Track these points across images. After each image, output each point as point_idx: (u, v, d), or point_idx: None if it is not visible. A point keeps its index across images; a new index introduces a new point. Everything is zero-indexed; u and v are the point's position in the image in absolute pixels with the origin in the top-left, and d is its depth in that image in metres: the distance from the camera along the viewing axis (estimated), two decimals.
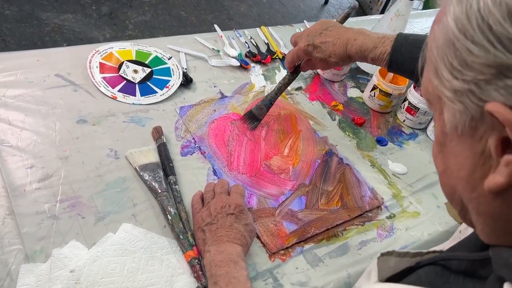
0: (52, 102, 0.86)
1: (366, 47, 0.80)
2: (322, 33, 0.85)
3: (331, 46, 0.84)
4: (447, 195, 0.42)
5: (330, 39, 0.84)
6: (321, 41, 0.85)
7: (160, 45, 1.08)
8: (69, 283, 0.61)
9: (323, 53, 0.85)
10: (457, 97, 0.33)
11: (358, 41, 0.81)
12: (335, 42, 0.83)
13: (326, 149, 0.97)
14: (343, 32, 0.84)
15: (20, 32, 2.25)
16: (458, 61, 0.33)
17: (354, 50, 0.81)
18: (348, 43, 0.82)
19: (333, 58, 0.84)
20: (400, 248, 0.83)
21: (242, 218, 0.70)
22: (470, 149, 0.35)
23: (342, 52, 0.83)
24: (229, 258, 0.64)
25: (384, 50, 0.79)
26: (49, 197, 0.71)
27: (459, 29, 0.32)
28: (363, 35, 0.82)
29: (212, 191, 0.76)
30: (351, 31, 0.84)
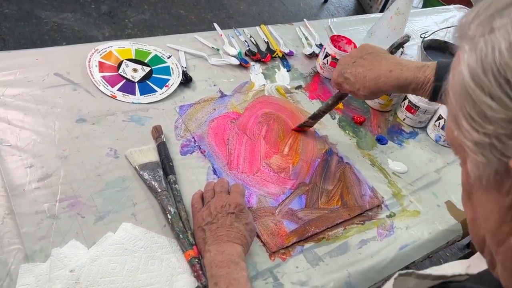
0: (52, 101, 0.86)
1: (405, 78, 0.74)
2: (356, 62, 0.79)
3: (361, 78, 0.78)
4: (476, 244, 0.39)
5: (361, 69, 0.78)
6: (351, 72, 0.79)
7: (160, 44, 1.08)
8: (69, 283, 0.61)
9: (352, 85, 0.79)
10: (478, 149, 0.31)
11: (395, 73, 0.75)
12: (366, 75, 0.77)
13: (326, 148, 0.97)
14: (376, 62, 0.78)
15: (19, 31, 2.25)
16: (476, 113, 0.30)
17: (390, 84, 0.75)
18: (381, 76, 0.76)
19: (362, 92, 0.79)
20: (400, 247, 0.83)
21: (242, 217, 0.70)
22: (496, 203, 0.32)
23: (374, 86, 0.77)
24: (230, 258, 0.64)
25: (427, 79, 0.73)
26: (48, 197, 0.71)
27: (475, 81, 0.30)
28: (400, 65, 0.76)
29: (212, 190, 0.76)
30: (386, 62, 0.77)
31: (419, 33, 1.46)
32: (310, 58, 1.23)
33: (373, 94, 0.79)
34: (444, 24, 1.67)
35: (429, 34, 1.23)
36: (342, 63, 0.82)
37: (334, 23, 1.42)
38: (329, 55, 1.13)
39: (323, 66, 1.16)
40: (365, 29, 1.43)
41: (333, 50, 1.13)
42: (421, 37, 1.21)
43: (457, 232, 0.91)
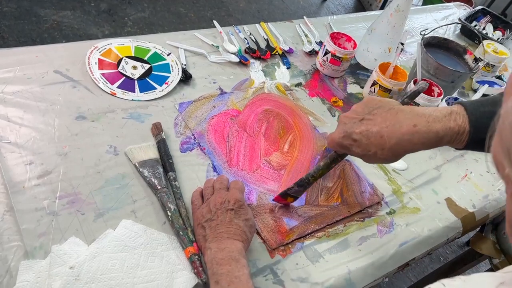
0: (51, 98, 0.86)
1: (435, 132, 0.60)
2: (364, 119, 0.65)
3: (377, 139, 0.63)
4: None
5: (374, 128, 0.63)
6: (361, 132, 0.64)
7: (159, 41, 1.08)
8: (69, 280, 0.61)
9: (365, 149, 0.64)
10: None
11: (421, 127, 0.61)
12: (383, 133, 0.62)
13: (326, 145, 0.97)
14: (392, 117, 0.63)
15: (18, 29, 2.24)
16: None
17: (418, 142, 0.61)
18: (404, 133, 0.61)
19: (380, 155, 0.64)
20: (400, 244, 0.83)
21: (242, 213, 0.70)
22: None
23: (396, 147, 0.62)
24: (230, 256, 0.63)
25: (462, 129, 0.60)
26: (48, 194, 0.71)
27: None
28: (424, 117, 0.62)
29: (211, 187, 0.76)
30: (404, 115, 0.62)
31: (419, 30, 1.46)
32: (310, 55, 1.23)
33: (395, 156, 0.64)
34: (444, 21, 1.67)
35: (429, 32, 1.22)
36: (346, 122, 0.67)
37: (334, 21, 1.42)
38: (329, 52, 1.13)
39: (323, 63, 1.16)
40: (365, 26, 1.43)
41: (333, 47, 1.12)
42: (421, 34, 1.20)
43: (457, 229, 0.91)
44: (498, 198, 0.99)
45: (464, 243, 2.04)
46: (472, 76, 1.37)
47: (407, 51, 1.41)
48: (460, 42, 1.24)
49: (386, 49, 1.21)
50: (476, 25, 1.64)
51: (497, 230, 1.24)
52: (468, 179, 1.01)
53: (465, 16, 1.64)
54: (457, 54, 1.23)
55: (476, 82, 1.34)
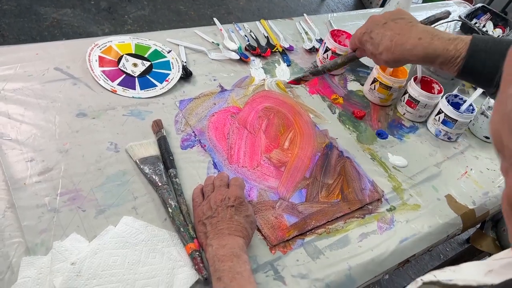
0: (52, 95, 0.86)
1: (434, 49, 0.68)
2: (387, 23, 0.74)
3: (387, 41, 0.72)
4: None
5: (389, 32, 0.73)
6: (379, 33, 0.74)
7: (160, 39, 1.08)
8: (70, 276, 0.61)
9: (375, 47, 0.74)
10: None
11: (424, 41, 0.70)
12: (393, 39, 0.72)
13: (326, 142, 0.97)
14: (407, 28, 0.72)
15: (18, 27, 2.24)
16: None
17: (416, 53, 0.70)
18: (409, 43, 0.70)
19: (384, 56, 0.74)
20: (400, 240, 0.83)
21: (242, 210, 0.70)
22: None
23: (398, 52, 0.71)
24: (232, 252, 0.64)
25: (458, 53, 0.68)
26: (49, 190, 0.71)
27: None
28: (431, 34, 0.70)
29: (212, 184, 0.76)
30: (416, 29, 0.71)
31: None
32: (310, 52, 1.23)
33: (395, 61, 0.74)
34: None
35: None
36: (372, 22, 0.77)
37: (334, 18, 1.42)
38: (329, 49, 1.13)
39: (323, 60, 1.16)
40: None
41: (333, 45, 1.12)
42: None
43: (457, 226, 0.91)
44: (498, 195, 0.99)
45: (464, 240, 2.04)
46: None
47: None
48: None
49: None
50: (476, 22, 1.64)
51: (497, 227, 1.24)
52: (468, 176, 1.01)
53: (465, 14, 1.64)
54: None
55: None
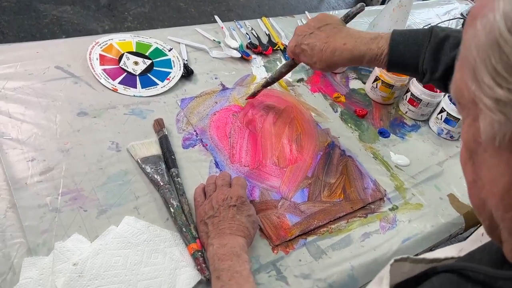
0: (52, 94, 0.85)
1: (358, 51, 0.74)
2: (313, 33, 0.78)
3: (318, 52, 0.77)
4: (475, 208, 0.38)
5: (318, 43, 0.77)
6: (308, 44, 0.79)
7: (161, 37, 1.07)
8: (72, 276, 0.60)
9: (309, 58, 0.79)
10: (499, 107, 0.29)
11: (348, 45, 0.75)
12: (322, 48, 0.77)
13: (328, 141, 0.97)
14: (333, 35, 0.77)
15: (18, 24, 2.23)
16: (503, 66, 0.28)
17: (345, 57, 0.75)
18: (336, 49, 0.76)
19: (318, 65, 0.79)
20: (403, 240, 0.83)
21: (244, 209, 0.70)
22: (508, 164, 0.31)
23: (329, 60, 0.77)
24: (232, 251, 0.64)
25: (381, 51, 0.73)
26: (50, 190, 0.71)
27: (509, 29, 0.28)
28: (353, 38, 0.75)
29: (214, 184, 0.76)
30: (340, 35, 0.77)
31: (421, 25, 1.46)
32: None
33: (329, 67, 0.79)
34: (446, 16, 1.66)
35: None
36: (299, 33, 0.80)
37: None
38: None
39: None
40: (366, 21, 1.42)
41: None
42: None
43: (460, 225, 0.91)
44: None
45: (465, 238, 2.04)
46: None
47: None
48: None
49: None
50: None
51: None
52: None
53: (467, 11, 1.63)
54: None
55: None
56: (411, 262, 0.45)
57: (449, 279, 0.41)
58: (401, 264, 0.45)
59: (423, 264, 0.46)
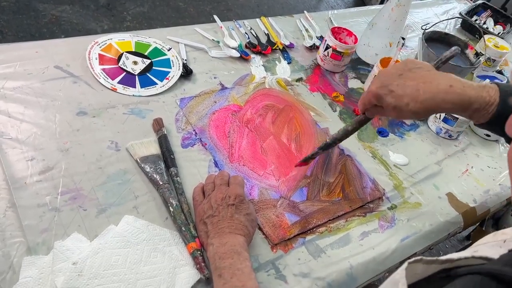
0: (52, 94, 0.85)
1: (468, 96, 0.64)
2: (403, 74, 0.68)
3: (412, 92, 0.66)
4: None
5: (411, 82, 0.67)
6: (398, 84, 0.68)
7: (160, 36, 1.07)
8: (72, 275, 0.61)
9: (399, 99, 0.67)
10: None
11: (456, 88, 0.65)
12: (419, 88, 0.66)
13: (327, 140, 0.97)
14: (431, 76, 0.67)
15: (17, 24, 2.23)
16: None
17: (451, 100, 0.65)
18: (440, 91, 0.65)
19: (412, 107, 0.66)
20: (402, 239, 0.83)
21: (243, 208, 0.70)
22: None
23: (430, 101, 0.65)
24: (232, 249, 0.64)
25: (492, 100, 0.64)
26: (50, 190, 0.71)
27: None
28: (460, 82, 0.66)
29: (212, 183, 0.76)
30: (442, 76, 0.67)
31: (419, 25, 1.46)
32: (311, 50, 1.23)
33: (426, 110, 0.66)
34: (444, 15, 1.67)
35: (430, 26, 1.22)
36: (385, 75, 0.71)
37: (335, 15, 1.42)
38: (330, 47, 1.13)
39: (324, 58, 1.16)
40: (365, 21, 1.43)
41: (334, 42, 1.12)
42: (422, 28, 1.20)
43: (458, 224, 0.91)
44: (499, 192, 0.99)
45: (464, 237, 2.04)
46: (473, 71, 1.36)
47: (408, 45, 1.41)
48: (461, 36, 1.24)
49: (387, 44, 1.21)
50: (476, 19, 1.64)
51: (498, 224, 1.24)
52: (469, 174, 1.01)
53: (465, 11, 1.63)
54: None
55: (477, 77, 1.34)
56: (425, 263, 0.45)
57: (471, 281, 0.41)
58: (414, 265, 0.45)
59: (435, 265, 0.45)
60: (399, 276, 0.42)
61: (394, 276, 0.44)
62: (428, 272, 0.46)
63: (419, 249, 0.84)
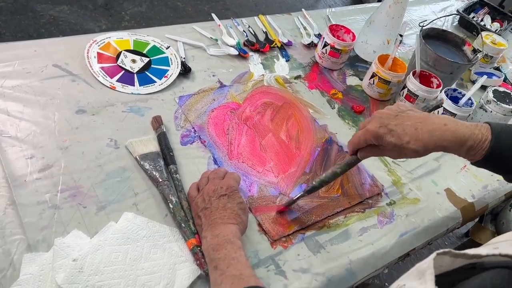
0: (51, 92, 0.86)
1: (462, 134, 0.66)
2: (398, 115, 0.71)
3: (411, 131, 0.68)
4: None
5: (409, 122, 0.69)
6: (397, 124, 0.69)
7: (158, 35, 1.07)
8: (72, 272, 0.61)
9: (399, 138, 0.68)
10: None
11: (450, 127, 0.67)
12: (417, 127, 0.68)
13: (326, 137, 0.97)
14: (425, 117, 0.70)
15: (15, 24, 2.23)
16: None
17: (447, 138, 0.67)
18: (436, 129, 0.67)
19: (412, 145, 0.68)
20: (400, 234, 0.83)
21: (236, 197, 0.71)
22: None
23: (428, 139, 0.67)
24: (225, 239, 0.64)
25: (484, 137, 0.66)
26: (49, 187, 0.71)
27: None
28: (453, 121, 0.69)
29: (206, 178, 0.76)
30: (437, 116, 0.70)
31: (417, 22, 1.46)
32: (309, 48, 1.23)
33: (426, 148, 0.68)
34: (442, 13, 1.67)
35: (428, 23, 1.22)
36: (382, 116, 0.72)
37: (332, 13, 1.42)
38: (328, 44, 1.13)
39: (322, 55, 1.16)
40: (363, 18, 1.43)
41: (332, 40, 1.12)
42: (420, 26, 1.20)
43: (457, 219, 0.91)
44: (497, 188, 1.00)
45: (463, 234, 2.05)
46: (470, 67, 1.37)
47: (406, 43, 1.41)
48: (458, 33, 1.24)
49: (385, 41, 1.21)
50: (474, 16, 1.64)
51: (496, 220, 1.24)
52: (467, 170, 1.02)
53: (463, 8, 1.64)
54: (455, 46, 1.23)
55: (475, 74, 1.34)
56: (451, 256, 0.45)
57: (499, 274, 0.41)
58: (441, 257, 0.44)
59: (462, 259, 0.45)
60: (427, 266, 0.42)
61: (421, 265, 0.44)
62: (454, 265, 0.46)
63: (418, 244, 0.85)
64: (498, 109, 1.08)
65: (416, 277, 0.44)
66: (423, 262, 0.44)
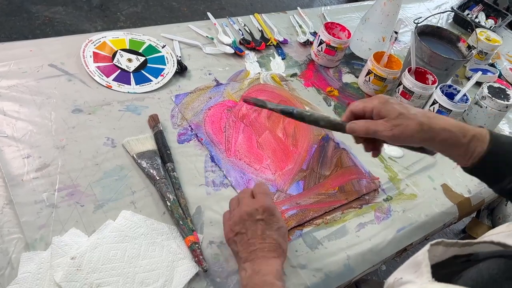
0: (47, 92, 0.85)
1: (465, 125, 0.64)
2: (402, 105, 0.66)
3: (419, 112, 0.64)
4: None
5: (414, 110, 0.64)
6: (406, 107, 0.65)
7: (154, 34, 1.07)
8: (71, 270, 0.61)
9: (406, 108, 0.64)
10: None
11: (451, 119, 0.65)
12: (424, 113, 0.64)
13: (323, 134, 0.97)
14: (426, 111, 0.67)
15: (10, 26, 2.22)
16: None
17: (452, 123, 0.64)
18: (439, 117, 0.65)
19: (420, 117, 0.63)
20: (398, 230, 0.84)
21: (273, 222, 0.65)
22: None
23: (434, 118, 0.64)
24: (265, 280, 0.60)
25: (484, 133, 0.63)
26: (47, 186, 0.71)
27: None
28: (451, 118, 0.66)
29: (236, 198, 0.70)
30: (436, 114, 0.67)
31: (412, 19, 1.47)
32: (305, 46, 1.23)
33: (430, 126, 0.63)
34: (436, 10, 1.68)
35: (422, 20, 1.23)
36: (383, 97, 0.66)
37: (328, 11, 1.42)
38: (324, 42, 1.13)
39: (318, 53, 1.17)
40: (358, 16, 1.43)
41: (327, 37, 1.13)
42: (415, 23, 1.21)
43: (453, 214, 0.92)
44: None
45: (460, 230, 2.06)
46: (465, 63, 1.37)
47: (401, 40, 1.42)
48: (453, 30, 1.25)
49: (380, 38, 1.21)
50: (468, 13, 1.65)
51: (493, 215, 1.25)
52: None
53: (457, 5, 1.65)
54: (450, 42, 1.24)
55: (470, 70, 1.35)
56: (444, 246, 0.45)
57: (495, 263, 0.42)
58: (434, 248, 0.45)
59: (455, 248, 0.46)
60: (422, 257, 0.43)
61: (416, 257, 0.44)
62: (447, 254, 0.46)
63: (415, 239, 0.85)
64: (493, 105, 1.08)
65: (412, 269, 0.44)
66: (418, 254, 0.45)
